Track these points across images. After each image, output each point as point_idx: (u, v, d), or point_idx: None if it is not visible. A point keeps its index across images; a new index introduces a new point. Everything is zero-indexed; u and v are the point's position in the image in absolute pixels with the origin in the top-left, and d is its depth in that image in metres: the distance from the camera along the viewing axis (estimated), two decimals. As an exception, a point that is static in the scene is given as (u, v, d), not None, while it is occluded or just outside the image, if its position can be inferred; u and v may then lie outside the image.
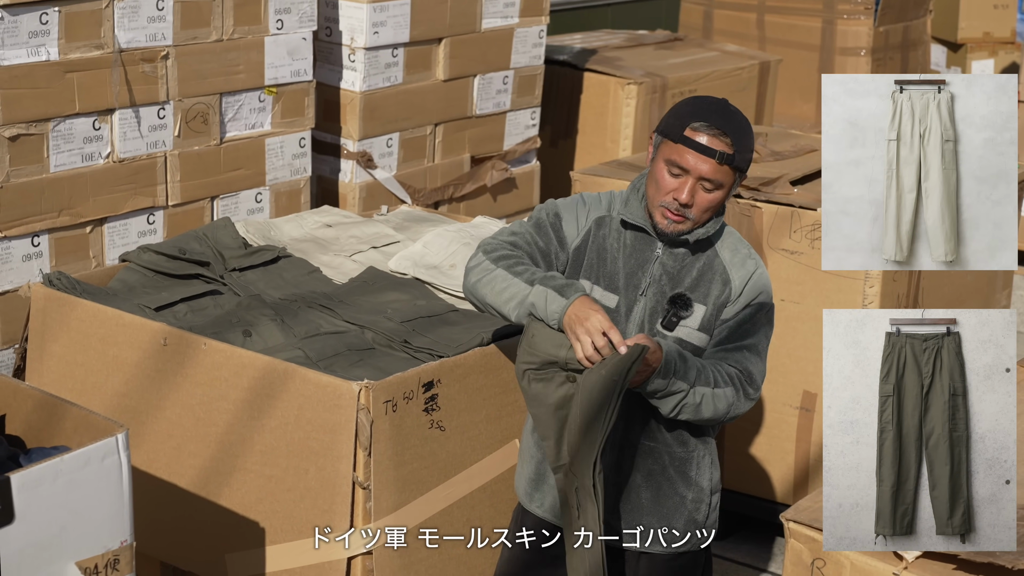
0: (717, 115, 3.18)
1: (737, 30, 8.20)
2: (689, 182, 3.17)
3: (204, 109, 4.76)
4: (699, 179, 3.17)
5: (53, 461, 2.75)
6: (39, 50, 4.29)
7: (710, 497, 3.38)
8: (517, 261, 3.24)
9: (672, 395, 3.15)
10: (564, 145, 6.68)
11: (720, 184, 3.18)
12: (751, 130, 3.25)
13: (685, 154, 3.16)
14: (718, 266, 3.29)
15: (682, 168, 3.17)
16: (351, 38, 5.28)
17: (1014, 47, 9.01)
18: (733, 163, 3.17)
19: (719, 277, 3.28)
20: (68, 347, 3.93)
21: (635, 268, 3.28)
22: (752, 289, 3.28)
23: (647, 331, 3.26)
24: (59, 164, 4.39)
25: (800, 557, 3.01)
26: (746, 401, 3.26)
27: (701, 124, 3.16)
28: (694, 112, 3.19)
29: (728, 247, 3.31)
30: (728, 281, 3.27)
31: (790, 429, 4.78)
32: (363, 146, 5.39)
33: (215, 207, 4.88)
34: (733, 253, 3.31)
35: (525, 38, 5.85)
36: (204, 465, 3.69)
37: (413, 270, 4.25)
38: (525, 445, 3.44)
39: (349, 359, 3.68)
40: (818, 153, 5.33)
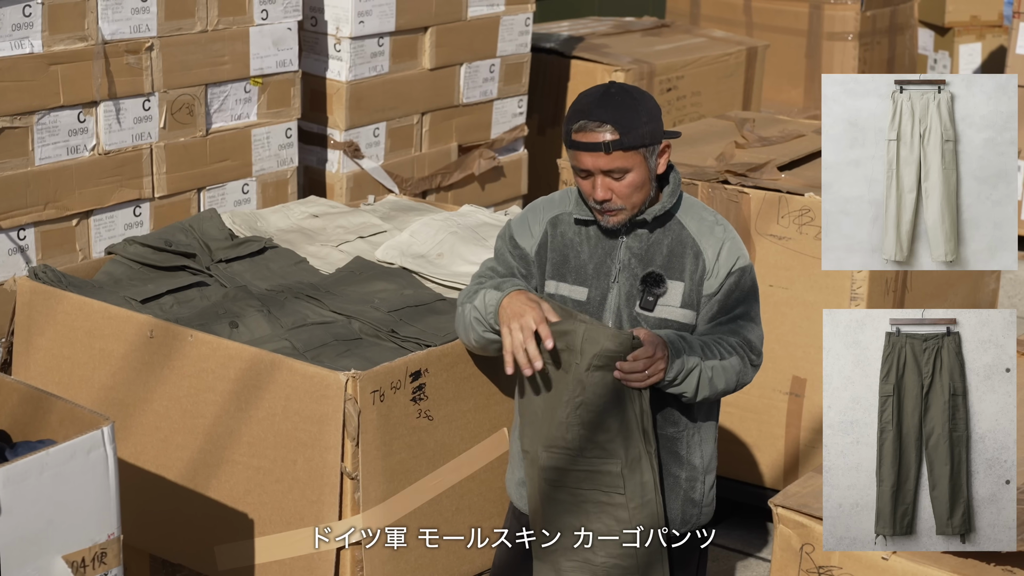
0: (594, 106, 3.17)
1: (724, 16, 8.20)
2: (597, 180, 3.19)
3: (189, 100, 4.74)
4: (602, 173, 3.18)
5: (39, 455, 2.74)
6: (23, 43, 4.28)
7: (704, 475, 3.39)
8: (476, 289, 3.33)
9: (691, 373, 3.16)
10: (551, 133, 6.68)
11: (625, 168, 3.17)
12: (641, 103, 3.19)
13: (579, 157, 3.18)
14: (687, 238, 3.28)
15: (584, 170, 3.19)
16: (336, 27, 5.27)
17: (1001, 30, 9.01)
18: (624, 146, 3.15)
19: (690, 250, 3.28)
20: (54, 340, 3.92)
21: (603, 257, 3.29)
22: (728, 257, 3.29)
23: (625, 316, 3.26)
24: (44, 157, 4.38)
25: (789, 542, 3.01)
26: (751, 368, 3.30)
27: (580, 123, 3.17)
28: (573, 114, 3.20)
29: (693, 217, 3.31)
30: (699, 253, 3.28)
31: (780, 415, 4.78)
32: (350, 136, 5.38)
33: (202, 199, 4.87)
34: (700, 223, 3.31)
35: (511, 26, 5.84)
36: (192, 457, 3.68)
37: (400, 259, 4.24)
38: (515, 448, 3.45)
39: (336, 349, 3.68)
40: (806, 138, 5.33)
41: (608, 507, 3.22)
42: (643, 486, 3.19)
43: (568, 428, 3.17)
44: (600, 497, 3.21)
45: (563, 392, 3.16)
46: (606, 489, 3.20)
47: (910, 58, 8.45)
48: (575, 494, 3.23)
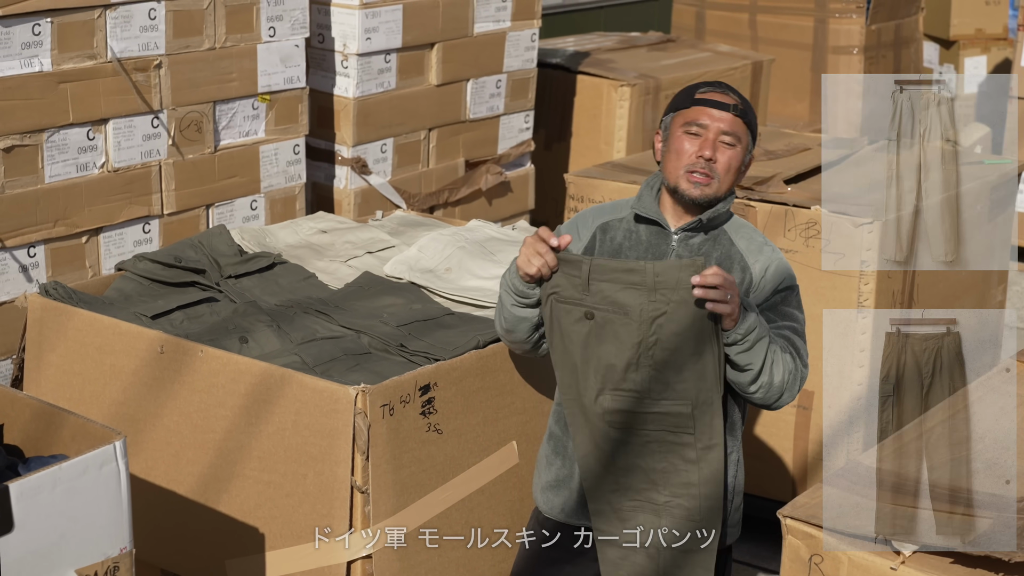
0: (719, 83, 3.36)
1: (729, 30, 8.21)
2: (711, 137, 3.26)
3: (198, 117, 4.76)
4: (719, 134, 3.26)
5: (51, 469, 2.75)
6: (32, 61, 4.30)
7: (733, 496, 3.39)
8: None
9: (760, 341, 3.13)
10: (558, 148, 6.69)
11: (738, 139, 3.27)
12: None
13: (702, 113, 3.27)
14: (735, 254, 3.31)
15: (700, 125, 3.27)
16: (344, 44, 5.29)
17: (1006, 43, 9.01)
18: (747, 118, 3.28)
19: (737, 264, 3.30)
20: (65, 357, 3.94)
21: (652, 260, 3.29)
22: (776, 275, 3.31)
23: None
24: (54, 175, 4.40)
25: (798, 553, 3.02)
26: (800, 379, 3.27)
27: (709, 88, 3.31)
28: (698, 85, 3.34)
29: (743, 237, 3.35)
30: (747, 268, 3.30)
31: (788, 428, 4.79)
32: (357, 152, 5.39)
33: (210, 215, 4.89)
34: (749, 242, 3.35)
35: (517, 41, 5.86)
36: (203, 472, 3.70)
37: (408, 274, 4.25)
38: (543, 452, 3.46)
39: (346, 364, 3.69)
40: (812, 152, 5.34)
41: (675, 446, 3.22)
42: (712, 427, 3.19)
43: (638, 369, 3.16)
44: (667, 437, 3.22)
45: (630, 335, 3.14)
46: (674, 429, 3.20)
47: (915, 71, 8.46)
48: (639, 434, 3.23)
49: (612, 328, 3.15)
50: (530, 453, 3.80)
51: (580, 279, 3.14)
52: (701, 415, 3.18)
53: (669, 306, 3.10)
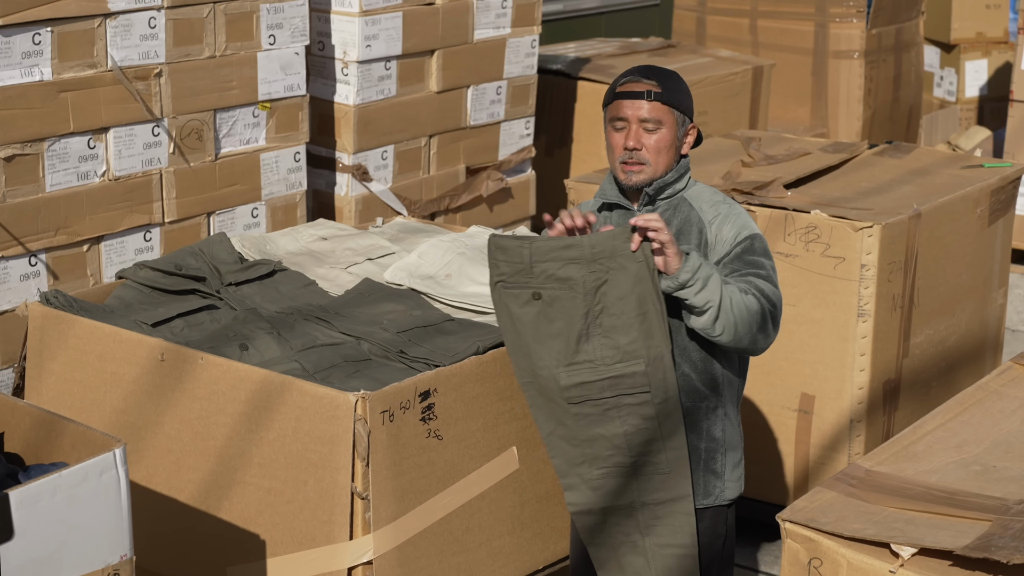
0: (640, 70, 3.46)
1: (730, 35, 8.22)
2: (632, 128, 3.39)
3: (198, 126, 4.78)
4: (639, 123, 3.38)
5: (51, 477, 2.76)
6: (32, 70, 4.31)
7: (725, 449, 3.46)
8: None
9: (709, 281, 3.21)
10: (559, 154, 6.71)
11: (660, 122, 3.39)
12: (681, 78, 3.47)
13: (620, 107, 3.41)
14: (694, 219, 3.43)
15: (622, 119, 3.40)
16: (344, 52, 5.30)
17: (1007, 47, 9.01)
18: (664, 99, 3.38)
19: (695, 227, 3.41)
20: (66, 365, 3.95)
21: None
22: (733, 227, 3.40)
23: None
24: (55, 183, 4.41)
25: (797, 557, 3.02)
26: (771, 322, 3.32)
27: (625, 79, 3.43)
28: (620, 78, 3.47)
29: (706, 201, 3.47)
30: (703, 228, 3.41)
31: (788, 432, 4.79)
32: (358, 159, 5.40)
33: (211, 223, 4.90)
34: (707, 203, 3.46)
35: (518, 48, 5.87)
36: (203, 479, 3.70)
37: (409, 281, 4.26)
38: None
39: (346, 370, 3.70)
40: (812, 156, 5.35)
41: (634, 407, 3.31)
42: (666, 382, 3.28)
43: (589, 339, 3.27)
44: (625, 400, 3.31)
45: (577, 307, 3.25)
46: (630, 391, 3.29)
47: (916, 75, 8.47)
48: (598, 404, 3.32)
49: (560, 304, 3.26)
50: (530, 458, 3.80)
51: (523, 263, 3.26)
52: (655, 371, 3.27)
53: (609, 274, 3.22)
